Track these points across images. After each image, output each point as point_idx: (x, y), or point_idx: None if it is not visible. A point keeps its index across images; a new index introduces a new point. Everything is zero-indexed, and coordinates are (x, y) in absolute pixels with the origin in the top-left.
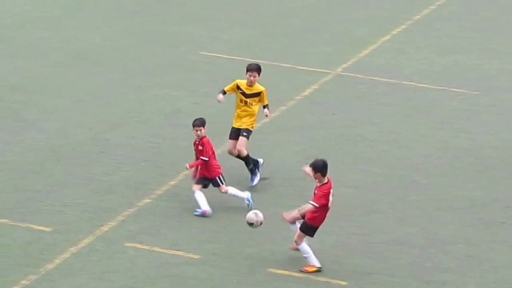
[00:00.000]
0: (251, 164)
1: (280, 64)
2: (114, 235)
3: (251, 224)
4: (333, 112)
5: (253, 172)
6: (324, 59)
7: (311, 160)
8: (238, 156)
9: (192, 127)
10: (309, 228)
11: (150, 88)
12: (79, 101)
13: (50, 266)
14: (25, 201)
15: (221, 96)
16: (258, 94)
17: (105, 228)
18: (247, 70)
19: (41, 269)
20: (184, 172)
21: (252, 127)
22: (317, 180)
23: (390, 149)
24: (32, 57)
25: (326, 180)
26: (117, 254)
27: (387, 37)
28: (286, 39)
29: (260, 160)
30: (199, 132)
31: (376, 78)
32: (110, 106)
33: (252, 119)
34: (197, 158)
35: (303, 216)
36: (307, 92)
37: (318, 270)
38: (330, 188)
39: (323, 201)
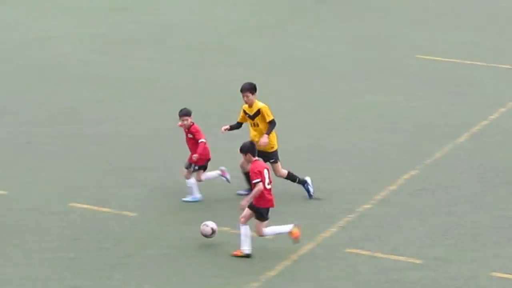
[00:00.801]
0: (297, 178)
1: (499, 65)
2: (335, 242)
3: (207, 235)
4: None
5: (304, 184)
6: None
7: None
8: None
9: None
10: (261, 211)
11: (367, 92)
12: (297, 108)
13: (271, 273)
14: None
15: (225, 127)
16: (258, 113)
17: (325, 235)
18: (240, 91)
19: (262, 277)
20: (404, 177)
21: (272, 147)
22: (250, 162)
23: None
24: (249, 65)
25: (255, 159)
26: (339, 261)
27: None
28: (503, 39)
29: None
30: (185, 122)
31: None
32: (327, 112)
33: (269, 139)
34: (190, 149)
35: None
36: None
37: (247, 257)
38: (262, 166)
39: (258, 176)
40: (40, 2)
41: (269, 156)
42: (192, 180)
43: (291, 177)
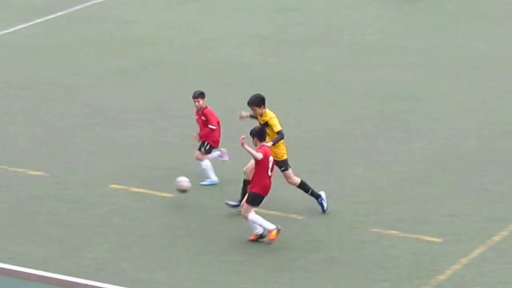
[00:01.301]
0: (310, 189)
1: None
2: (506, 246)
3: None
4: None
5: (318, 198)
6: None
7: None
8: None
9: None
10: (256, 197)
11: None
12: (467, 110)
13: (441, 277)
14: (414, 211)
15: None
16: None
17: (496, 238)
18: (247, 104)
19: (432, 281)
20: None
21: (282, 156)
22: (256, 146)
23: None
24: (419, 65)
25: (262, 144)
26: (510, 265)
27: None
28: None
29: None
30: (197, 103)
31: None
32: (499, 114)
33: (278, 149)
34: (201, 129)
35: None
36: None
37: (279, 230)
38: (269, 152)
39: (260, 155)
40: (208, 4)
41: (279, 165)
42: (207, 163)
43: (304, 186)
